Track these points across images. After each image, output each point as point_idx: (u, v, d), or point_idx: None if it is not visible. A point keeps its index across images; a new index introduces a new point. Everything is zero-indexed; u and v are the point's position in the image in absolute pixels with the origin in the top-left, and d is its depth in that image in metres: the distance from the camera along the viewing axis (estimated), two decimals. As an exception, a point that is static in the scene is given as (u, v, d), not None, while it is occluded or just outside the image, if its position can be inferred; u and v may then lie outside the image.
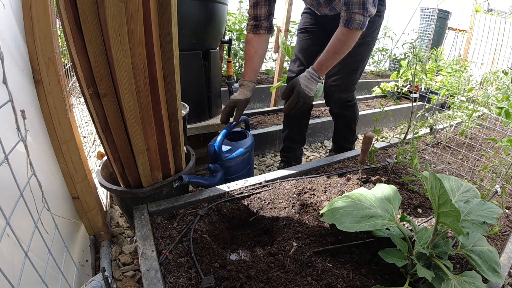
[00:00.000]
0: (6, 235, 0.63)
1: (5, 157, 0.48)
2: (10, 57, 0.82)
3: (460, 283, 0.77)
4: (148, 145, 1.06)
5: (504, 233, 1.20)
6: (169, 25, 0.95)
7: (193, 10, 1.57)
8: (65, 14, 0.81)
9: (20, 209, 0.52)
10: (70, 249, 1.02)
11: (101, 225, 1.25)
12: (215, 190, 1.27)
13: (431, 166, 1.70)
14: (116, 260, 1.24)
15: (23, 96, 0.88)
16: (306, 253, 0.98)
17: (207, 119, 1.92)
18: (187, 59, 1.66)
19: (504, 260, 1.02)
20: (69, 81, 1.22)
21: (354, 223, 0.88)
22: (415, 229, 0.95)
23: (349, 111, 1.81)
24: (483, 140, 2.02)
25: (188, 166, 1.29)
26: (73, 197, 1.14)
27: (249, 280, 0.87)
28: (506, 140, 1.43)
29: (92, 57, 0.86)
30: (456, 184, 1.00)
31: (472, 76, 2.73)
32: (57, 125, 1.02)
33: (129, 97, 0.93)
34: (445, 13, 4.47)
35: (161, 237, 1.04)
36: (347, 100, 1.76)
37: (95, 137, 2.17)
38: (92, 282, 0.82)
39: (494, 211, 0.87)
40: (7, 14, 0.83)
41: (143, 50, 0.90)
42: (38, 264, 0.57)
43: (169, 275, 0.89)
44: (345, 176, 1.42)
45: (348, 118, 1.84)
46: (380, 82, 4.14)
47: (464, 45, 4.14)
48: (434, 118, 1.92)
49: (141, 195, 1.13)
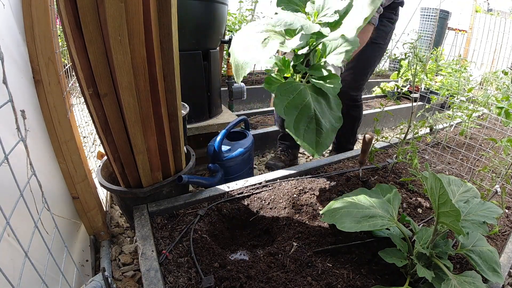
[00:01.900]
0: (6, 235, 0.63)
1: (5, 157, 0.48)
2: (10, 57, 0.82)
3: (460, 283, 0.77)
4: (148, 145, 1.06)
5: (504, 233, 1.20)
6: (169, 25, 0.95)
7: (193, 10, 1.57)
8: (65, 14, 0.81)
9: (20, 209, 0.52)
10: (70, 249, 1.02)
11: (101, 225, 1.25)
12: (215, 190, 1.27)
13: (431, 166, 1.70)
14: (116, 260, 1.24)
15: (23, 96, 0.88)
16: (306, 253, 0.98)
17: (207, 119, 1.92)
18: (187, 59, 1.66)
19: (504, 260, 1.02)
20: (69, 81, 1.22)
21: (354, 223, 0.88)
22: (415, 229, 0.95)
23: (355, 111, 1.85)
24: (483, 140, 2.02)
25: (188, 166, 1.29)
26: (73, 197, 1.14)
27: (249, 280, 0.87)
28: (506, 140, 1.43)
29: (92, 57, 0.86)
30: (456, 184, 1.00)
31: (472, 76, 2.73)
32: (57, 125, 1.02)
33: (129, 97, 0.93)
34: (445, 13, 4.47)
35: (161, 237, 1.04)
36: (355, 100, 1.80)
37: (95, 137, 2.17)
38: (92, 282, 0.82)
39: (494, 211, 0.87)
40: (7, 14, 0.83)
41: (143, 50, 0.90)
42: (38, 264, 0.57)
43: (169, 275, 0.89)
44: (345, 176, 1.42)
45: (353, 119, 1.88)
46: (380, 82, 4.14)
47: (464, 45, 4.15)
48: (434, 118, 1.92)
49: (141, 195, 1.13)
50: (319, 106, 0.94)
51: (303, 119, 0.89)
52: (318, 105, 0.94)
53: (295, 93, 0.91)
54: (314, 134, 0.89)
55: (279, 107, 0.87)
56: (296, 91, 0.92)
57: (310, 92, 0.94)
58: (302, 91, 0.93)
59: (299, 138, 0.87)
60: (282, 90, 0.90)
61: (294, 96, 0.91)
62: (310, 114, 0.90)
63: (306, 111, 0.90)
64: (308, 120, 0.90)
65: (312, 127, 0.89)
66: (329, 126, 0.92)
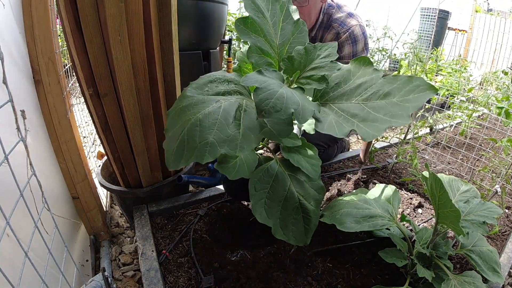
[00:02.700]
0: (6, 235, 0.63)
1: (5, 157, 0.48)
2: (10, 57, 0.82)
3: (460, 283, 0.77)
4: (148, 145, 1.06)
5: (504, 233, 1.19)
6: (169, 25, 0.95)
7: (193, 10, 1.57)
8: (65, 14, 0.81)
9: (20, 209, 0.52)
10: (70, 249, 1.02)
11: (101, 225, 1.25)
12: (215, 190, 1.27)
13: (431, 166, 1.70)
14: (116, 260, 1.24)
15: (23, 96, 0.88)
16: (306, 253, 0.98)
17: (207, 119, 1.91)
18: (187, 59, 1.66)
19: (504, 260, 1.02)
20: (69, 81, 1.22)
21: (354, 223, 0.88)
22: (415, 229, 0.95)
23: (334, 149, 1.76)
24: (483, 140, 2.02)
25: (188, 166, 1.29)
26: (73, 197, 1.14)
27: (249, 280, 0.87)
28: (506, 140, 1.43)
29: (92, 57, 0.86)
30: (456, 184, 1.00)
31: (472, 76, 2.73)
32: (57, 125, 1.02)
33: (129, 97, 0.93)
34: (445, 13, 4.47)
35: (161, 237, 1.04)
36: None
37: (95, 137, 2.17)
38: (92, 282, 0.82)
39: (494, 211, 0.87)
40: (7, 14, 0.83)
41: (143, 50, 0.90)
42: (38, 264, 0.57)
43: (169, 275, 0.89)
44: (345, 176, 1.42)
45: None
46: (380, 82, 4.13)
47: (464, 45, 4.14)
48: (434, 118, 1.92)
49: (141, 195, 1.13)
50: (301, 189, 0.78)
51: (289, 214, 0.75)
52: (300, 188, 0.78)
53: (270, 180, 0.75)
54: (302, 223, 0.76)
55: (257, 209, 0.71)
56: (272, 177, 0.76)
57: (287, 172, 0.79)
58: (278, 175, 0.77)
59: (288, 237, 0.73)
60: (257, 182, 0.73)
61: (272, 185, 0.75)
62: (295, 205, 0.76)
63: (290, 204, 0.76)
64: (293, 212, 0.76)
65: (299, 217, 0.76)
66: (314, 205, 0.78)
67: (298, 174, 0.81)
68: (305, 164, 0.79)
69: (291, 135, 0.80)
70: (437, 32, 4.38)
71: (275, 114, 0.55)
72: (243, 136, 0.59)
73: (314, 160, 0.81)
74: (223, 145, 0.57)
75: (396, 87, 0.69)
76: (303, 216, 0.77)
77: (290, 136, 0.74)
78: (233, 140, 0.58)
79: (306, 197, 0.78)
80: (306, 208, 0.77)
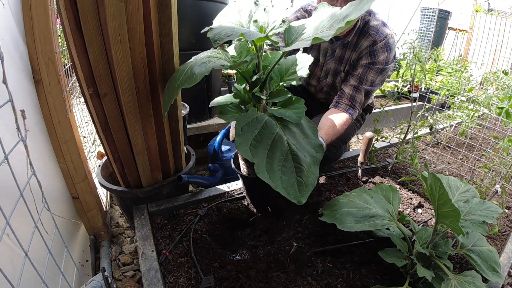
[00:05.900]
0: (6, 235, 0.63)
1: (5, 157, 0.48)
2: (10, 57, 0.82)
3: (460, 282, 0.77)
4: (148, 145, 1.06)
5: (504, 233, 1.19)
6: (169, 25, 0.95)
7: (193, 10, 1.57)
8: (65, 14, 0.81)
9: (20, 209, 0.52)
10: (70, 249, 1.02)
11: (101, 225, 1.25)
12: (215, 190, 1.27)
13: (431, 166, 1.70)
14: (116, 260, 1.24)
15: (23, 96, 0.88)
16: (306, 253, 0.98)
17: (207, 119, 1.92)
18: (187, 59, 1.65)
19: (503, 260, 1.02)
20: (69, 81, 1.22)
21: (354, 223, 0.88)
22: (415, 229, 0.95)
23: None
24: (483, 140, 2.02)
25: (188, 166, 1.29)
26: (73, 197, 1.14)
27: (249, 280, 0.87)
28: (506, 140, 1.43)
29: (92, 57, 0.86)
30: (456, 184, 1.00)
31: (472, 76, 2.73)
32: (57, 125, 1.02)
33: (129, 97, 0.93)
34: (445, 13, 4.46)
35: (161, 237, 1.04)
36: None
37: (95, 137, 2.17)
38: (92, 282, 0.82)
39: (494, 211, 0.87)
40: (7, 14, 0.83)
41: (143, 50, 0.90)
42: (38, 264, 0.57)
43: (169, 275, 0.89)
44: (345, 176, 1.42)
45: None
46: (380, 82, 4.13)
47: (464, 45, 4.14)
48: (434, 118, 1.92)
49: (141, 195, 1.13)
50: (292, 137, 0.80)
51: (276, 157, 0.75)
52: (291, 136, 0.80)
53: (259, 126, 0.77)
54: (294, 173, 0.74)
55: (243, 147, 0.72)
56: (261, 124, 0.78)
57: (276, 122, 0.81)
58: (267, 122, 0.79)
59: (276, 184, 0.71)
60: (243, 125, 0.75)
61: (260, 130, 0.76)
62: (283, 149, 0.76)
63: (278, 147, 0.76)
64: (282, 157, 0.75)
65: (289, 165, 0.75)
66: (310, 159, 0.78)
67: (291, 125, 0.83)
68: (289, 113, 0.83)
69: (278, 92, 0.90)
70: (437, 32, 4.38)
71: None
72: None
73: (298, 109, 0.84)
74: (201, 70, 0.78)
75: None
76: (295, 165, 0.75)
77: (278, 93, 0.90)
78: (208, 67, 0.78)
79: (298, 147, 0.79)
80: (298, 157, 0.76)
